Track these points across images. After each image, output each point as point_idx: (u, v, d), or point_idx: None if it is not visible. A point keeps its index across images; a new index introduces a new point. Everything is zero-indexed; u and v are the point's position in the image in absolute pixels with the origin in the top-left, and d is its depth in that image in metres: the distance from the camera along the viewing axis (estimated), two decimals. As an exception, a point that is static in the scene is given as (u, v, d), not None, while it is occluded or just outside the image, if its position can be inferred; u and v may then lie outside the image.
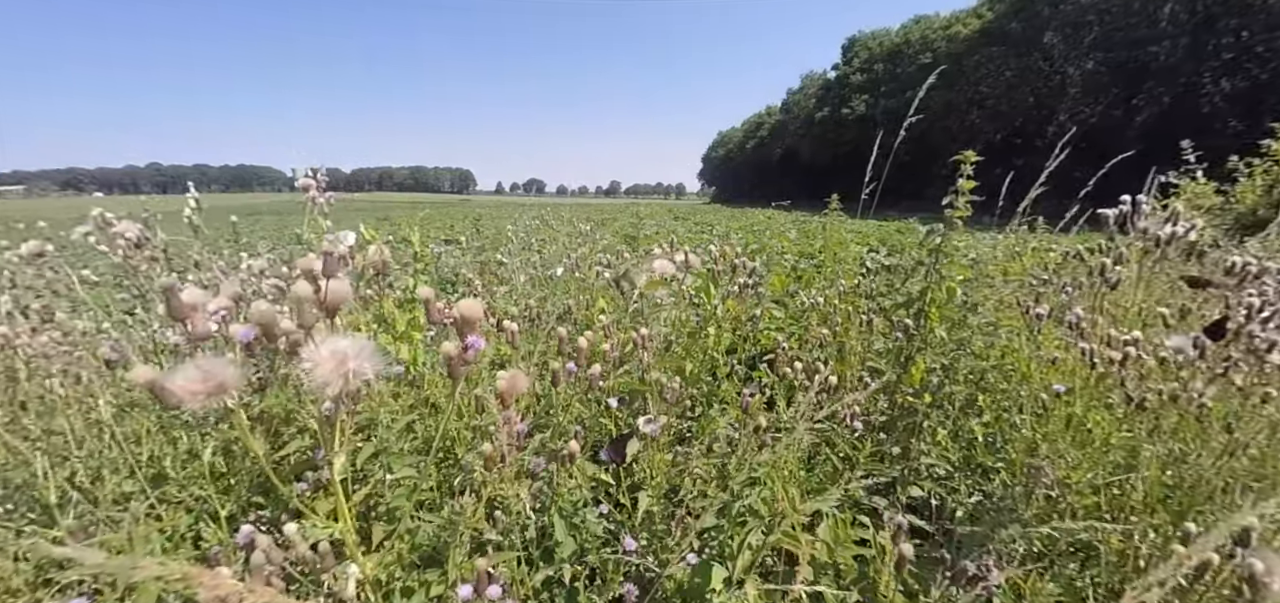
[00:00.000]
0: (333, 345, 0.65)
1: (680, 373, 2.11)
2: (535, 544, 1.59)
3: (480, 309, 0.79)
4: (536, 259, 2.96)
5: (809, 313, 3.14)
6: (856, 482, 2.06)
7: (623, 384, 1.73)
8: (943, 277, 2.40)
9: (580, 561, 1.69)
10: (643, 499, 1.73)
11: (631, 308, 1.65)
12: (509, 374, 1.00)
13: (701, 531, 1.76)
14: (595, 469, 1.62)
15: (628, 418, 1.92)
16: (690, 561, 1.33)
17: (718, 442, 2.03)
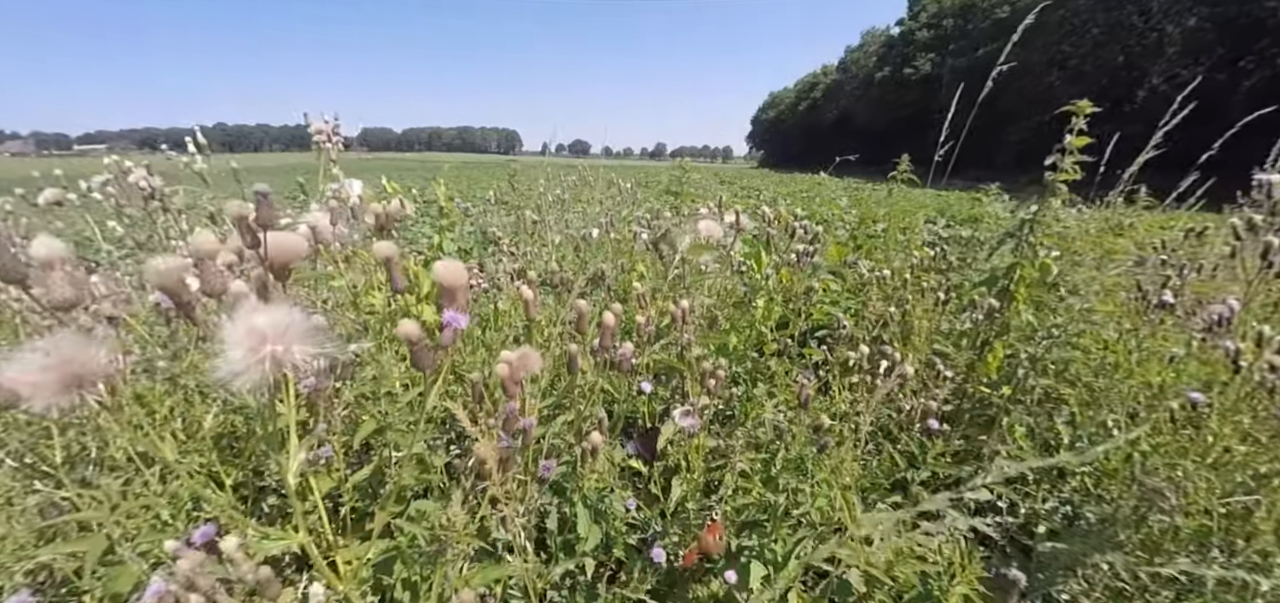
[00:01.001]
0: (250, 321, 0.47)
1: (723, 349, 1.90)
2: (554, 534, 1.44)
3: (463, 276, 0.60)
4: (570, 217, 2.76)
5: (868, 287, 2.84)
6: (918, 484, 1.82)
7: (658, 362, 1.53)
8: (1036, 251, 2.05)
9: (606, 552, 1.54)
10: (675, 488, 1.55)
11: (672, 275, 1.43)
12: (516, 354, 0.81)
13: (740, 525, 1.57)
14: (624, 456, 1.44)
15: (664, 398, 1.73)
16: (729, 577, 1.14)
17: (762, 428, 1.82)
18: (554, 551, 1.37)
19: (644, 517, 1.47)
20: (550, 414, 1.35)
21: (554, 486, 1.45)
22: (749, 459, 1.29)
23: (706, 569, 1.55)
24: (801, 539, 1.25)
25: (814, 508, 1.26)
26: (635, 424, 1.89)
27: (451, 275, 0.59)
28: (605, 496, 1.45)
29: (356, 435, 1.17)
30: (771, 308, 2.06)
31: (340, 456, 1.12)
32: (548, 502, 1.33)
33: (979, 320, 2.12)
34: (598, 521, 1.45)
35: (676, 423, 1.08)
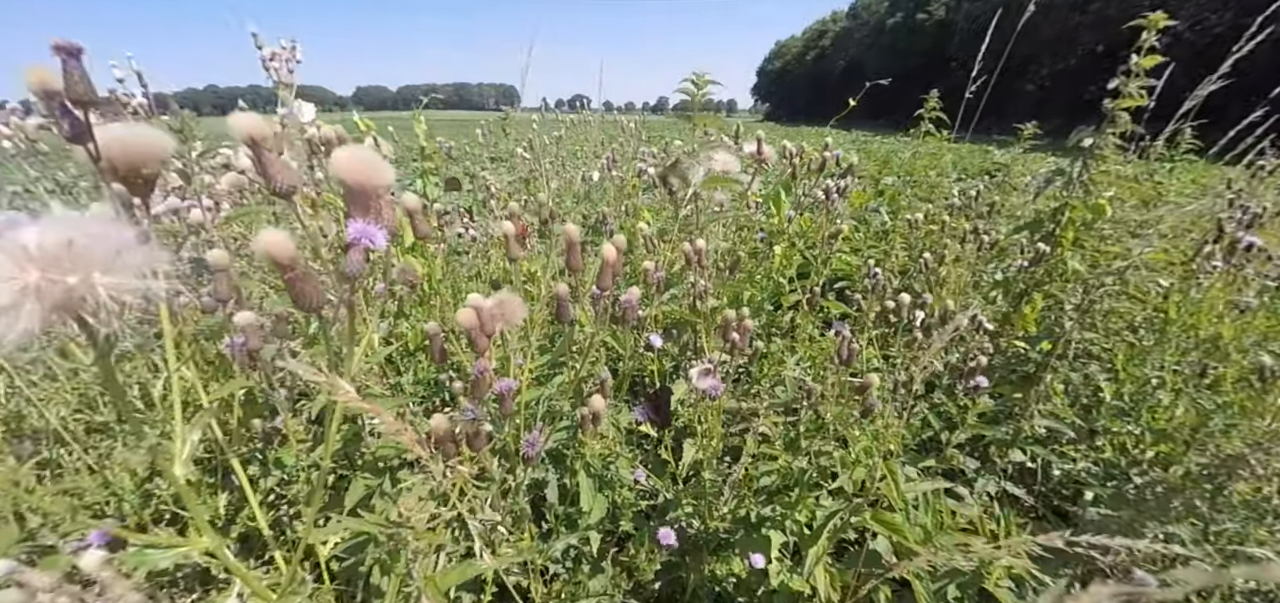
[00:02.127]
0: (14, 239, 0.29)
1: (737, 301, 1.72)
2: (555, 507, 1.30)
3: (379, 172, 0.41)
4: (565, 154, 2.53)
5: (892, 234, 2.63)
6: (953, 446, 1.67)
7: (668, 314, 1.35)
8: (1088, 191, 1.83)
9: (612, 524, 1.40)
10: (688, 450, 1.40)
11: (682, 214, 1.23)
12: (492, 300, 0.63)
13: (760, 493, 1.42)
14: (630, 420, 1.28)
15: (673, 355, 1.55)
16: (756, 560, 0.99)
17: (781, 387, 1.65)
18: (554, 525, 1.23)
19: (653, 485, 1.32)
20: (546, 374, 1.18)
21: (553, 454, 1.29)
22: (772, 422, 1.13)
23: (723, 544, 1.41)
24: (835, 511, 1.10)
25: (851, 478, 1.10)
26: (643, 385, 1.73)
27: (359, 170, 0.40)
28: (610, 463, 1.30)
29: (315, 405, 1.01)
30: (791, 256, 1.86)
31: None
32: (544, 475, 1.17)
33: (1019, 269, 1.92)
34: (602, 490, 1.31)
35: (694, 383, 0.91)
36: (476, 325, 0.63)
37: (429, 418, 0.69)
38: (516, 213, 0.80)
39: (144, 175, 0.40)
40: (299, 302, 0.41)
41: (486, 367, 0.67)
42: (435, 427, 0.61)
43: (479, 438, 0.67)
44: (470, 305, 0.64)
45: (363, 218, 0.41)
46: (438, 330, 0.70)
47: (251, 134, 0.41)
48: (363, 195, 0.41)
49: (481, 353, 0.66)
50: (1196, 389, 1.68)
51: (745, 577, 1.18)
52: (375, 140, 1.64)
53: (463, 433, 0.65)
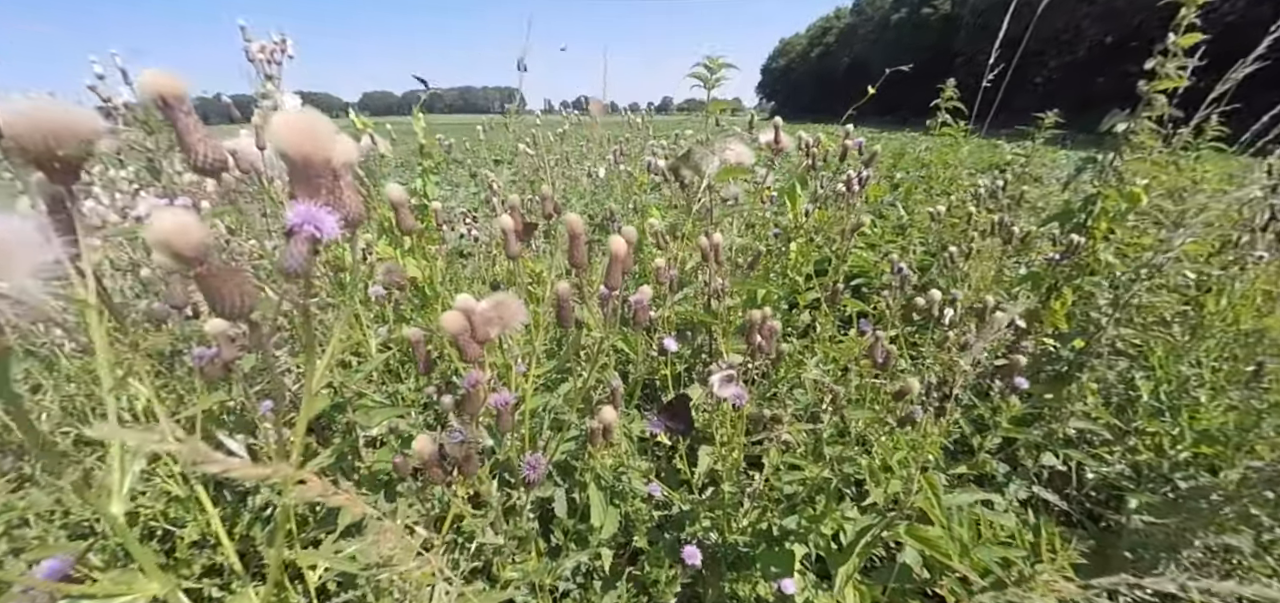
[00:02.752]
0: None
1: (752, 301, 1.63)
2: (563, 522, 1.22)
3: (325, 142, 0.33)
4: (569, 149, 2.45)
5: (910, 230, 2.54)
6: (985, 451, 1.57)
7: (682, 314, 1.27)
8: (1122, 179, 1.73)
9: (624, 538, 1.32)
10: (704, 458, 1.32)
11: (696, 207, 1.15)
12: (487, 302, 0.56)
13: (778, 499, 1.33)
14: (642, 428, 1.20)
15: (686, 358, 1.47)
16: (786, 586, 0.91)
17: (800, 389, 1.57)
18: (563, 542, 1.15)
19: (668, 498, 1.23)
20: (554, 380, 1.10)
21: (561, 466, 1.21)
22: (796, 430, 1.04)
23: (743, 558, 1.33)
24: (868, 527, 1.01)
25: (885, 492, 1.01)
26: (654, 390, 1.65)
27: (301, 137, 0.32)
28: (622, 474, 1.22)
29: (303, 414, 0.93)
30: (808, 253, 1.78)
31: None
32: (550, 493, 1.09)
33: (1049, 262, 1.82)
34: (614, 503, 1.23)
35: (715, 391, 0.83)
36: (466, 331, 0.56)
37: (429, 431, 0.61)
38: (516, 206, 0.72)
39: (61, 158, 0.33)
40: (216, 306, 0.33)
41: (479, 378, 0.59)
42: (419, 451, 0.53)
43: (471, 462, 0.59)
44: (459, 307, 0.56)
45: (308, 199, 0.33)
46: (421, 336, 0.62)
47: (161, 92, 0.34)
48: (308, 171, 0.33)
49: (473, 362, 0.58)
50: (1246, 388, 1.57)
51: (771, 597, 1.10)
52: (372, 138, 1.57)
53: (453, 457, 0.57)
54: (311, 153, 0.32)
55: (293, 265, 0.32)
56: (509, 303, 0.59)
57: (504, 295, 0.59)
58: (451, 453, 0.56)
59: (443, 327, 0.55)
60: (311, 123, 0.32)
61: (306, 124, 0.32)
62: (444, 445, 0.55)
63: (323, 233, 0.32)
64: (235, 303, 0.32)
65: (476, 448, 0.58)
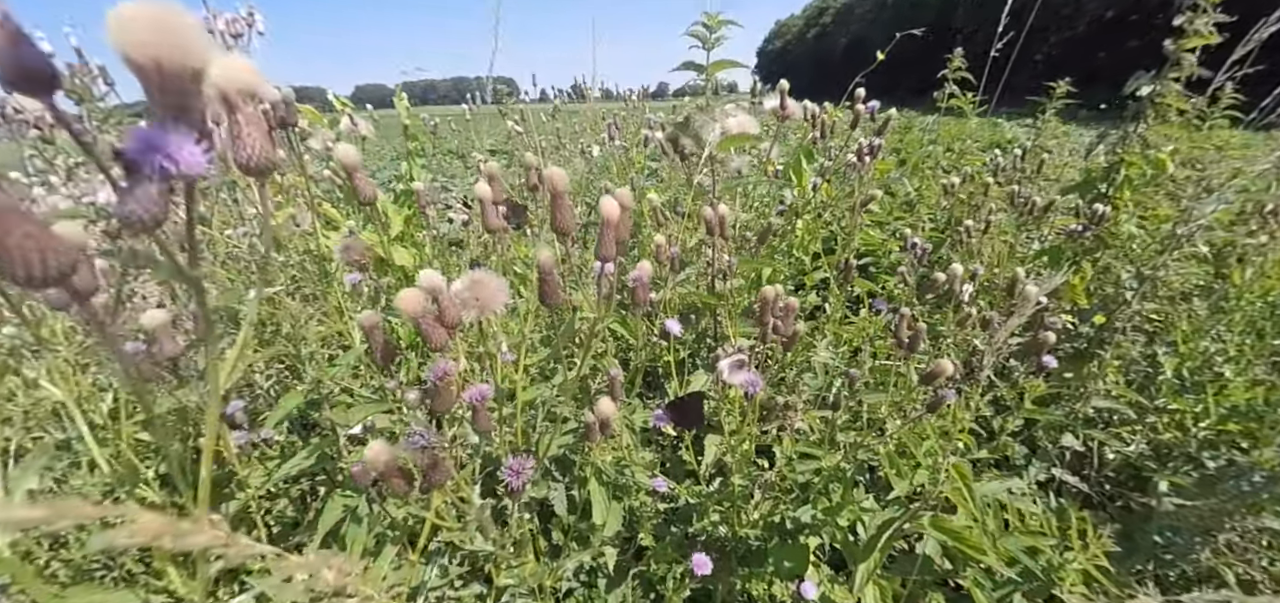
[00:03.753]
0: None
1: (756, 282, 1.55)
2: (563, 520, 1.15)
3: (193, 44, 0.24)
4: (561, 127, 2.34)
5: (919, 206, 2.45)
6: (1007, 434, 1.50)
7: (684, 296, 1.19)
8: (1147, 144, 1.64)
9: (629, 535, 1.25)
10: (710, 448, 1.24)
11: (696, 180, 1.06)
12: (464, 280, 0.48)
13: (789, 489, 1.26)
14: (645, 418, 1.13)
15: (690, 345, 1.39)
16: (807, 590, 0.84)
17: (810, 374, 1.49)
18: (564, 541, 1.08)
19: (674, 492, 1.16)
20: (549, 369, 1.02)
21: (559, 461, 1.14)
22: (811, 418, 0.97)
23: (754, 553, 1.26)
24: (890, 521, 0.94)
25: (911, 482, 0.94)
26: (656, 378, 1.57)
27: (152, 37, 0.23)
28: (625, 469, 1.14)
29: (274, 414, 0.86)
30: (815, 230, 1.69)
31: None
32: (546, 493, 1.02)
33: (1068, 235, 1.74)
34: (617, 498, 1.15)
35: (725, 377, 0.75)
36: (429, 314, 0.48)
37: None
38: (495, 174, 0.63)
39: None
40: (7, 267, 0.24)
41: (448, 370, 0.51)
42: (372, 460, 0.45)
43: (439, 469, 0.51)
44: (424, 286, 0.48)
45: (171, 121, 0.24)
46: (376, 321, 0.54)
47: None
48: (165, 86, 0.24)
49: (439, 350, 0.50)
50: (1274, 361, 1.50)
51: (784, 597, 1.02)
52: (351, 118, 1.49)
53: (419, 464, 0.49)
54: (166, 59, 0.24)
55: (136, 212, 0.24)
56: (487, 282, 0.51)
57: (482, 274, 0.51)
58: (417, 460, 0.48)
59: (399, 308, 0.47)
60: (167, 17, 0.24)
61: (160, 18, 0.24)
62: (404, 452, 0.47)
63: (179, 166, 0.24)
64: (26, 262, 0.23)
65: (443, 453, 0.50)
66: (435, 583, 0.78)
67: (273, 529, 1.35)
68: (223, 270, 1.21)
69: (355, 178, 0.57)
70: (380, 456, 0.45)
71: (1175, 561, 1.32)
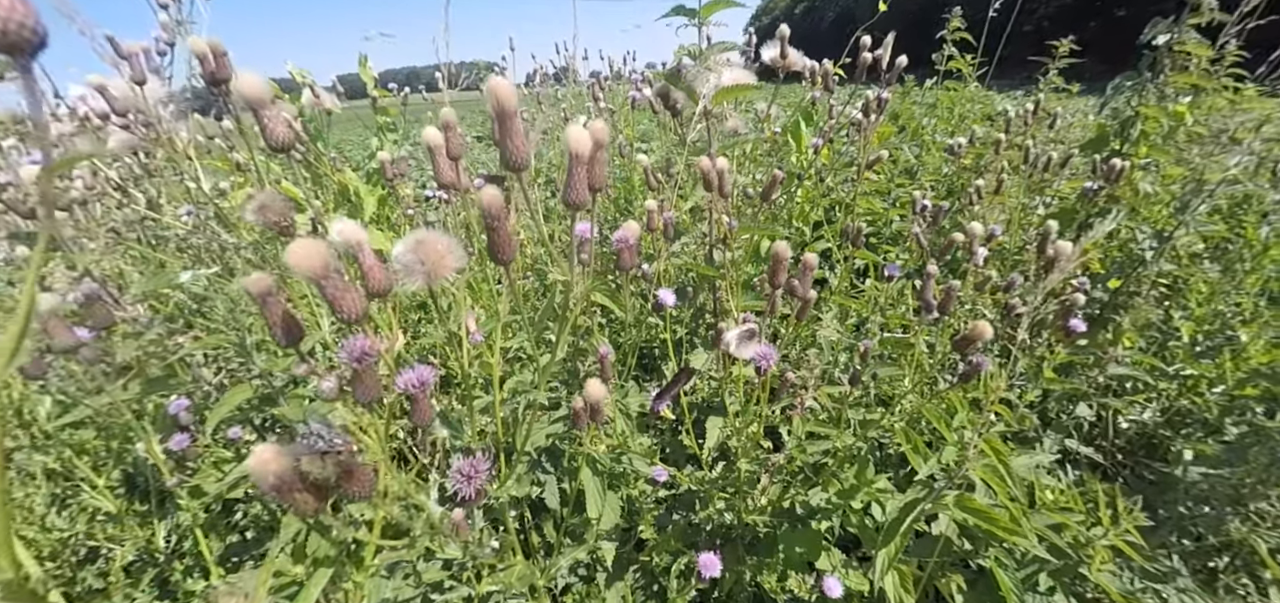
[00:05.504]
0: None
1: (754, 256, 1.46)
2: (556, 516, 1.06)
3: None
4: (540, 92, 2.21)
5: (921, 174, 2.35)
6: (1026, 404, 1.42)
7: (681, 266, 1.09)
8: (1163, 96, 1.55)
9: (628, 525, 1.16)
10: (712, 430, 1.16)
11: (691, 137, 0.96)
12: (407, 242, 0.37)
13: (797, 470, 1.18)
14: (641, 401, 1.04)
15: (687, 323, 1.30)
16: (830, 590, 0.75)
17: (815, 348, 1.40)
18: (556, 539, 0.99)
19: (674, 478, 1.07)
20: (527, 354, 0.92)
21: (550, 451, 1.05)
22: (825, 395, 0.88)
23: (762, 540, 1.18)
24: (913, 502, 0.85)
25: (937, 461, 0.85)
26: (654, 359, 1.48)
27: None
28: (622, 456, 1.05)
29: (219, 410, 0.75)
30: (815, 197, 1.60)
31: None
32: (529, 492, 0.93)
33: (1083, 195, 1.65)
34: (613, 487, 1.06)
35: (732, 350, 0.65)
36: (326, 271, 0.37)
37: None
38: (451, 122, 0.53)
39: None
40: None
41: (367, 348, 0.41)
42: (257, 472, 0.34)
43: (355, 479, 0.41)
44: (340, 240, 0.37)
45: None
46: (268, 286, 0.42)
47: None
48: None
49: (352, 320, 0.39)
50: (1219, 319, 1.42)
51: (804, 596, 0.94)
52: (313, 90, 1.37)
53: (329, 470, 0.39)
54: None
55: None
56: (433, 243, 0.40)
57: (428, 233, 0.41)
58: (324, 468, 0.37)
59: (290, 266, 0.37)
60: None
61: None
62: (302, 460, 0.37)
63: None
64: None
65: (355, 457, 0.40)
66: (408, 594, 0.69)
67: (246, 535, 1.26)
68: (177, 257, 1.10)
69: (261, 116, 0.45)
70: (268, 465, 0.35)
71: (1204, 533, 1.25)
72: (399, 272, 0.42)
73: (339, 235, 0.41)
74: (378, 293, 0.41)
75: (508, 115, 0.42)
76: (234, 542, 1.18)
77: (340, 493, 0.40)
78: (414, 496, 0.48)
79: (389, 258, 1.27)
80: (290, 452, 0.37)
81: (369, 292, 0.41)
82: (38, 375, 0.54)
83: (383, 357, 0.43)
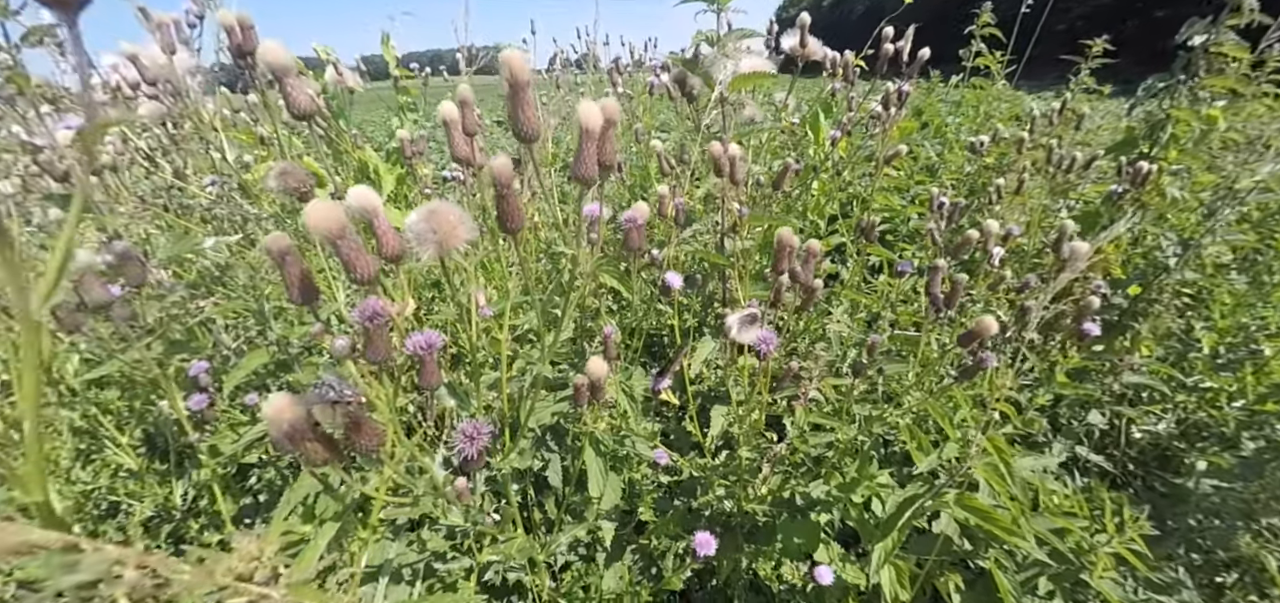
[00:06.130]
0: None
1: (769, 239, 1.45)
2: (558, 494, 1.08)
3: None
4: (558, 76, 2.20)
5: (941, 171, 2.32)
6: (1035, 408, 1.41)
7: (690, 255, 1.09)
8: (1197, 98, 1.50)
9: (628, 508, 1.18)
10: (716, 418, 1.17)
11: (705, 123, 0.96)
12: (419, 212, 0.38)
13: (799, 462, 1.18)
14: (646, 385, 1.05)
15: (696, 311, 1.30)
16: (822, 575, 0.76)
17: (822, 342, 1.40)
18: (557, 516, 1.01)
19: (676, 464, 1.09)
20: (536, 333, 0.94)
21: (554, 429, 1.06)
22: (829, 386, 0.88)
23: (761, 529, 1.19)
24: (912, 498, 0.85)
25: (938, 458, 0.85)
26: (662, 346, 1.49)
27: None
28: (624, 438, 1.07)
29: (236, 374, 0.78)
30: (831, 191, 1.58)
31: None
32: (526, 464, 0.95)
33: (1109, 198, 1.61)
34: (614, 468, 1.08)
35: (734, 335, 0.66)
36: (342, 232, 0.38)
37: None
38: (467, 98, 0.54)
39: None
40: None
41: (381, 308, 0.42)
42: (273, 418, 0.36)
43: (363, 431, 0.42)
44: (352, 206, 0.39)
45: None
46: (286, 246, 0.43)
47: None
48: None
49: (364, 282, 0.41)
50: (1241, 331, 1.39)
51: (798, 583, 0.95)
52: (336, 68, 1.39)
53: (339, 421, 0.41)
54: None
55: None
56: (445, 213, 0.41)
57: (440, 204, 0.42)
58: (337, 416, 0.39)
59: (309, 226, 0.38)
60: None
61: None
62: (314, 411, 0.39)
63: None
64: None
65: (365, 409, 0.41)
66: (410, 559, 0.72)
67: (258, 499, 1.30)
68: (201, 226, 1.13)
69: (285, 84, 0.47)
70: (283, 413, 0.37)
71: (1213, 546, 1.24)
72: (411, 240, 0.43)
73: (354, 200, 0.42)
74: (390, 257, 0.43)
75: (520, 86, 0.43)
76: (247, 504, 1.23)
77: (349, 445, 0.41)
78: (419, 458, 0.49)
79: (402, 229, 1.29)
80: (303, 401, 0.39)
81: (381, 255, 0.42)
82: (72, 328, 0.57)
83: (394, 319, 0.45)
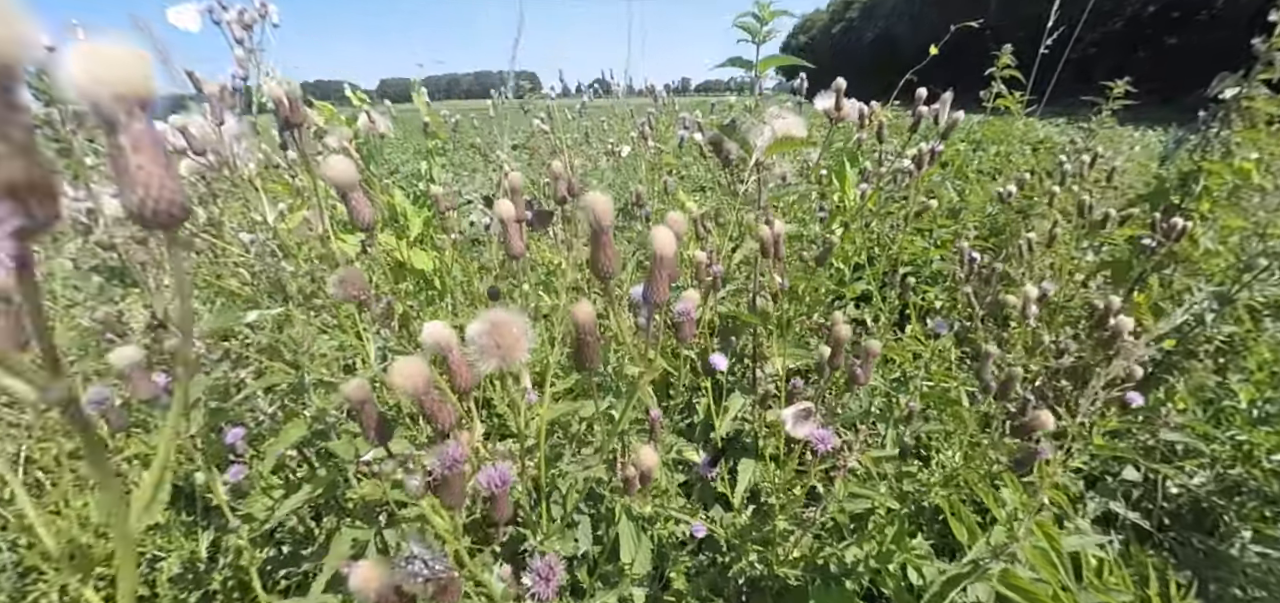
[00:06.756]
0: None
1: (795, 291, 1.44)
2: (590, 555, 1.06)
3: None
4: (588, 125, 2.23)
5: (964, 214, 2.31)
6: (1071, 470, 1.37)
7: (725, 313, 1.09)
8: (1229, 152, 1.49)
9: (657, 574, 1.16)
10: (743, 474, 1.15)
11: (743, 189, 0.96)
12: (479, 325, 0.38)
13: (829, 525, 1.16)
14: (679, 450, 1.04)
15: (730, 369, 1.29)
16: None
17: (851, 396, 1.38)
18: (589, 583, 0.99)
19: (711, 531, 1.07)
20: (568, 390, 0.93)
21: (588, 493, 1.05)
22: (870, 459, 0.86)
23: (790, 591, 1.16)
24: (955, 578, 0.83)
25: (986, 543, 0.83)
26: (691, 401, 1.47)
27: None
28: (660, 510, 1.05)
29: (274, 446, 0.78)
30: (858, 242, 1.58)
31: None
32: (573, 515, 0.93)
33: (1140, 249, 1.59)
34: (643, 528, 1.06)
35: (788, 430, 0.65)
36: (430, 390, 0.38)
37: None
38: (517, 186, 0.54)
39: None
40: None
41: (461, 456, 0.42)
42: (360, 590, 0.36)
43: (449, 592, 0.41)
44: (428, 345, 0.39)
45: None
46: (365, 395, 0.44)
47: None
48: None
49: (446, 428, 0.41)
50: None
51: None
52: (369, 115, 1.41)
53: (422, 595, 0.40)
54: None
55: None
56: (509, 325, 0.41)
57: (502, 314, 0.42)
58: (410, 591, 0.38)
59: (394, 386, 0.38)
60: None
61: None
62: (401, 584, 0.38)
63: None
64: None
65: (452, 577, 0.40)
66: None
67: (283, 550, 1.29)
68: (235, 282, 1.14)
69: (350, 199, 0.48)
70: (370, 584, 0.36)
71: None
72: (473, 352, 0.43)
73: (429, 337, 0.42)
74: (463, 390, 0.43)
75: (603, 231, 0.43)
76: (271, 555, 1.22)
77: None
78: (486, 582, 0.49)
79: (439, 279, 1.28)
80: (391, 574, 0.39)
81: (454, 388, 0.42)
82: (121, 428, 0.57)
83: (469, 458, 0.45)
